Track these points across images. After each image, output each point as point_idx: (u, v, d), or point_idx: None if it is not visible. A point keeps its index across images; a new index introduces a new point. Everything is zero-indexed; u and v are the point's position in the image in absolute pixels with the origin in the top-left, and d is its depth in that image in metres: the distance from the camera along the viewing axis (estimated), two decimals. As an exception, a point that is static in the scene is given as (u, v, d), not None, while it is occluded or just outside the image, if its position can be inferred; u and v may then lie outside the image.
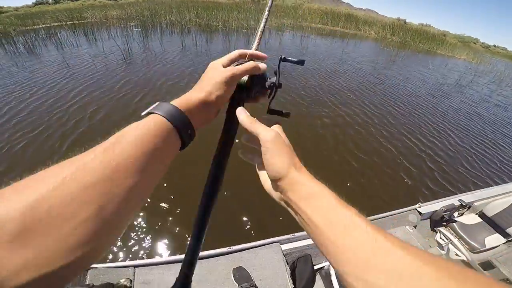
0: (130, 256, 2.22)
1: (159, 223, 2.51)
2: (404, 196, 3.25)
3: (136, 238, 2.35)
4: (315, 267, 1.75)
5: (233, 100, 0.46)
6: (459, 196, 2.45)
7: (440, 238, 2.25)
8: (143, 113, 0.34)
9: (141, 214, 2.57)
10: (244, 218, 2.65)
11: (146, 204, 2.65)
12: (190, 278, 0.46)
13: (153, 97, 5.06)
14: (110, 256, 2.20)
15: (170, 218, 2.57)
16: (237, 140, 0.46)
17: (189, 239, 0.45)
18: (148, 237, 2.37)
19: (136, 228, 2.43)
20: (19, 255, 0.19)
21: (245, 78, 0.46)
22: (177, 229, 2.48)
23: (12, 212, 0.20)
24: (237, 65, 0.46)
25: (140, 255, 2.23)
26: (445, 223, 2.31)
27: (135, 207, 0.28)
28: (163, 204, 2.70)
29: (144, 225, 2.47)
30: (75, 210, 0.22)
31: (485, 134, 5.63)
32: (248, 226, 2.59)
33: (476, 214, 2.39)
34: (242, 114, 0.43)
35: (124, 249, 2.26)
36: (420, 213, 2.24)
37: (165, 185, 2.90)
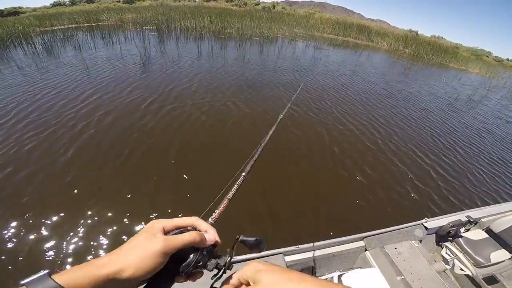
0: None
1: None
2: (411, 211, 3.24)
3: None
4: (318, 279, 1.76)
5: (160, 273, 0.37)
6: (466, 212, 2.44)
7: (446, 253, 2.24)
8: (22, 282, 0.30)
9: (142, 221, 2.65)
10: (249, 230, 2.62)
11: (145, 212, 2.73)
12: None
13: (162, 101, 5.20)
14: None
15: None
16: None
17: None
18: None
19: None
20: None
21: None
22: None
23: None
24: (179, 232, 0.40)
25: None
26: (451, 238, 2.30)
27: None
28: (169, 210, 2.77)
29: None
30: None
31: (494, 151, 5.55)
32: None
33: (482, 230, 2.37)
34: None
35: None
36: (426, 228, 2.23)
37: (170, 186, 2.97)
